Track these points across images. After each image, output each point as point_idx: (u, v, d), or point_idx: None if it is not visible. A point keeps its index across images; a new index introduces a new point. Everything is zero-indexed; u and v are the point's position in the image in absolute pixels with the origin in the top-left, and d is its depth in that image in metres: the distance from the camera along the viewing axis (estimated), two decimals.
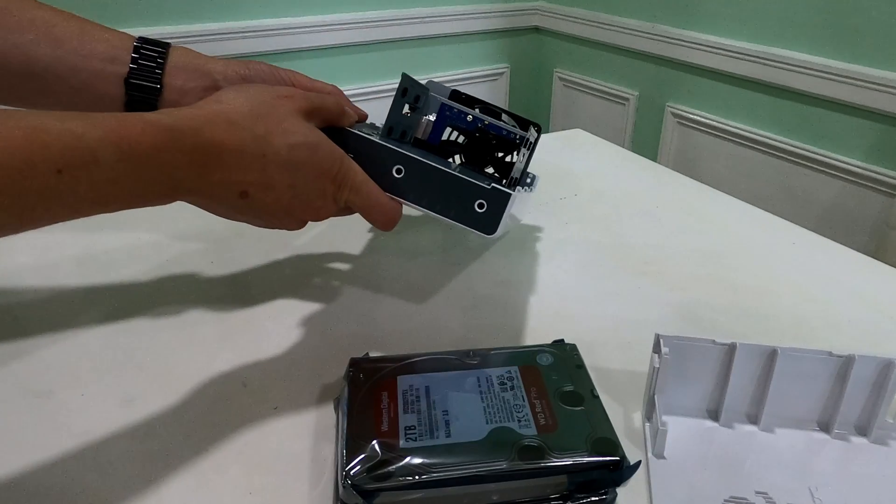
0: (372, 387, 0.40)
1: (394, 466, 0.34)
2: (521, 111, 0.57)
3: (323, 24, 1.75)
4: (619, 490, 0.36)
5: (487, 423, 0.37)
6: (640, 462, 0.36)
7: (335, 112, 0.46)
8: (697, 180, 0.80)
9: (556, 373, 0.42)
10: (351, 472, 0.34)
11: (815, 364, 0.41)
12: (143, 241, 0.62)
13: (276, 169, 0.40)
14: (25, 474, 0.37)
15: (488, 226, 0.46)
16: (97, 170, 0.32)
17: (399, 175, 0.46)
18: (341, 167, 0.43)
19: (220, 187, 0.39)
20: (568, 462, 0.35)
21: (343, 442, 0.36)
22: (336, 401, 0.42)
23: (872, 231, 1.35)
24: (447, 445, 0.36)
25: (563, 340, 0.45)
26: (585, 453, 0.35)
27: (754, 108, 1.53)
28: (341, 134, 0.46)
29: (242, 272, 0.58)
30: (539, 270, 0.51)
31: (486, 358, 0.43)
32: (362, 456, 0.35)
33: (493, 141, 0.55)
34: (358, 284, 0.57)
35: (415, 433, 0.36)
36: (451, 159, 0.55)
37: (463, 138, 0.55)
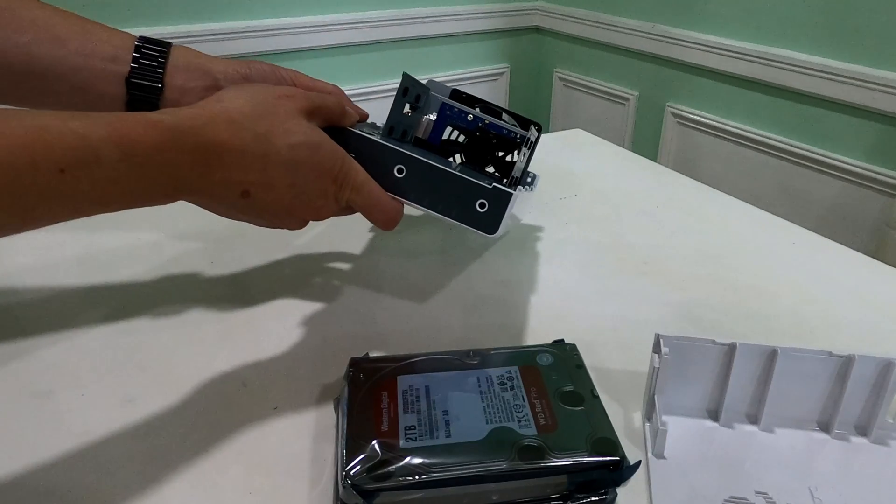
0: (372, 387, 0.40)
1: (394, 466, 0.34)
2: (522, 111, 0.57)
3: (323, 24, 1.75)
4: (619, 490, 0.36)
5: (487, 423, 0.37)
6: (640, 462, 0.36)
7: (336, 112, 0.46)
8: (697, 180, 0.80)
9: (556, 373, 0.42)
10: (351, 472, 0.34)
11: (815, 364, 0.41)
12: (143, 241, 0.62)
13: (278, 168, 0.40)
14: (25, 474, 0.37)
15: (490, 225, 0.46)
16: (99, 169, 0.32)
17: (400, 175, 0.46)
18: (342, 166, 0.44)
19: (222, 187, 0.39)
20: (568, 462, 0.35)
21: (343, 442, 0.36)
22: (336, 401, 0.42)
23: (872, 231, 1.35)
24: (447, 445, 0.36)
25: (563, 340, 0.45)
26: (585, 453, 0.35)
27: (754, 108, 1.53)
28: (342, 133, 0.46)
29: (242, 272, 0.58)
30: (539, 270, 0.51)
31: (486, 358, 0.43)
32: (362, 456, 0.35)
33: (494, 140, 0.54)
34: (358, 284, 0.57)
35: (415, 433, 0.36)
36: (451, 158, 0.55)
37: (463, 137, 0.55)
